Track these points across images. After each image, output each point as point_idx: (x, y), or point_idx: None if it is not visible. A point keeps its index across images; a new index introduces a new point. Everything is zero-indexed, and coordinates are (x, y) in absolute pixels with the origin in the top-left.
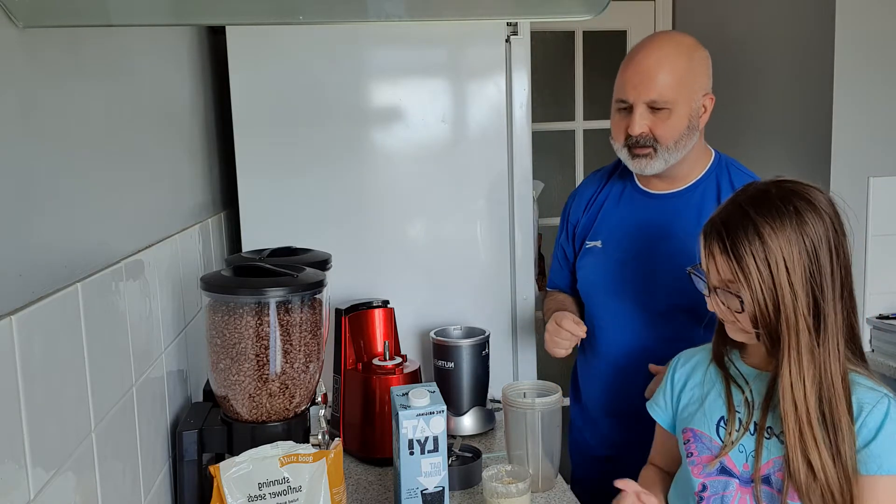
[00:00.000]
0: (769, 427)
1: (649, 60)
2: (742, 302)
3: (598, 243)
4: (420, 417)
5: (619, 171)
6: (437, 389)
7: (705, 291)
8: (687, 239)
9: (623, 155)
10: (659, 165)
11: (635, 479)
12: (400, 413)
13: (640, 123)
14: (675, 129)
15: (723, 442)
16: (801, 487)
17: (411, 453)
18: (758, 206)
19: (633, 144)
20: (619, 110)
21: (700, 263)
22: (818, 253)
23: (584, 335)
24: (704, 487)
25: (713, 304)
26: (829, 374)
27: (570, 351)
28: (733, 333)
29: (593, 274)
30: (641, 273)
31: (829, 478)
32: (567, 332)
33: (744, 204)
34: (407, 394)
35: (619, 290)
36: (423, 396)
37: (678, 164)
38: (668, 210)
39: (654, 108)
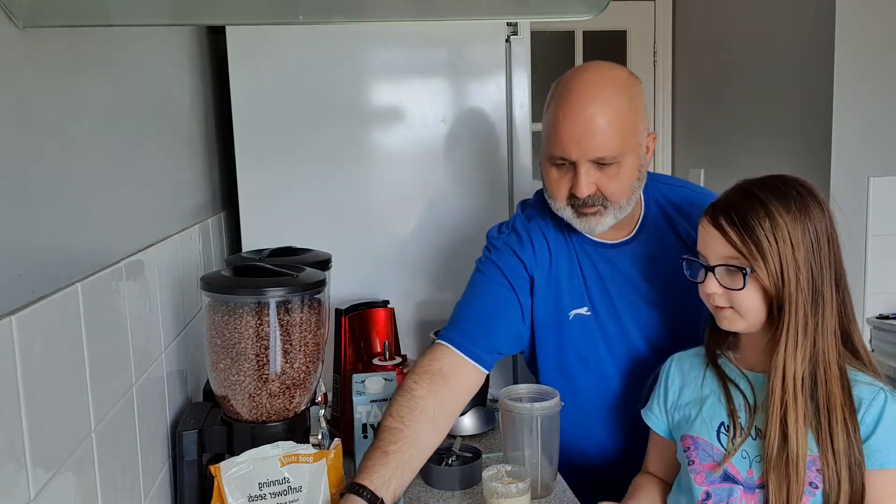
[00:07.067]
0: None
1: (590, 109)
2: (745, 276)
3: (585, 310)
4: (374, 404)
5: (553, 218)
6: (395, 379)
7: (700, 277)
8: (670, 273)
9: (566, 214)
10: (609, 222)
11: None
12: (354, 399)
13: (587, 183)
14: (626, 183)
15: (725, 448)
16: (771, 460)
17: (364, 437)
18: (763, 189)
19: (578, 204)
20: (556, 166)
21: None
22: (818, 237)
23: None
24: (708, 496)
25: (710, 288)
26: (826, 357)
27: None
28: (729, 322)
29: (590, 345)
30: (634, 326)
31: (800, 452)
32: None
33: (749, 188)
34: (364, 381)
35: (614, 351)
36: (379, 384)
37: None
38: (635, 256)
39: (601, 163)
